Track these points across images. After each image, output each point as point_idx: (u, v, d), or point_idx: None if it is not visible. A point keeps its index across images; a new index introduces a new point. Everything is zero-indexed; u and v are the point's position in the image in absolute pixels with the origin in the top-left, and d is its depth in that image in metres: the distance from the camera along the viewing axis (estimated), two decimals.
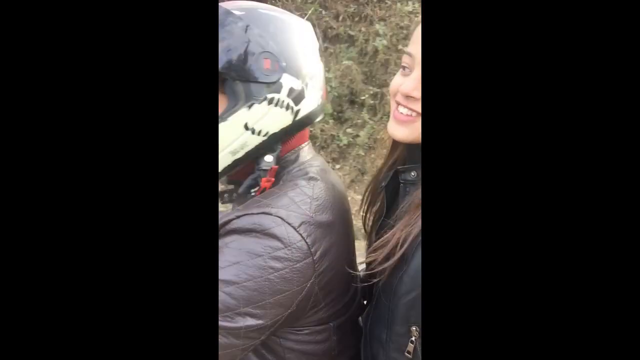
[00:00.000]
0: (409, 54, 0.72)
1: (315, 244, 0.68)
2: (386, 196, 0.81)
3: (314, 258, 0.67)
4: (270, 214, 0.67)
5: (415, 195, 0.70)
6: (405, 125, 0.72)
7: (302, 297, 0.67)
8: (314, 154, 0.84)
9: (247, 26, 0.69)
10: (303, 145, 0.82)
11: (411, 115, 0.71)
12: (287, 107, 0.74)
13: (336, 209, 0.76)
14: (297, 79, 0.74)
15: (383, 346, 0.72)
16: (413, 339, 0.69)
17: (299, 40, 0.75)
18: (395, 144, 0.84)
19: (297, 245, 0.66)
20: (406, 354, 0.70)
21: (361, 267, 0.90)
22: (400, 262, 0.69)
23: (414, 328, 0.69)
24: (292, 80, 0.73)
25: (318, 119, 0.83)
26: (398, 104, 0.72)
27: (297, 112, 0.75)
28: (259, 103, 0.71)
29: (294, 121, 0.75)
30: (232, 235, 0.67)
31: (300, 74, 0.74)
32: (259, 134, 0.73)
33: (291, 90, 0.73)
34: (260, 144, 0.74)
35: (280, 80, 0.72)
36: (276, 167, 0.77)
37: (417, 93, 0.69)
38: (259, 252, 0.65)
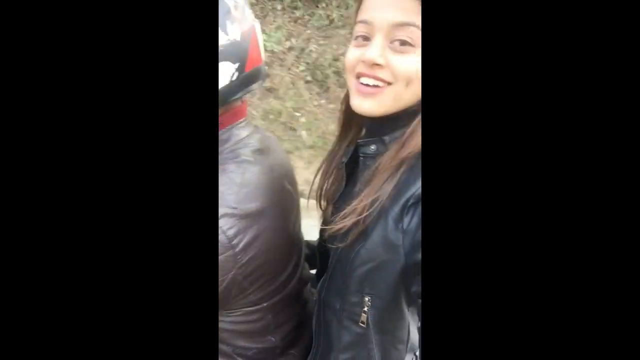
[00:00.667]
0: (366, 22, 0.67)
1: (237, 236, 0.66)
2: (346, 171, 0.79)
3: (235, 250, 0.66)
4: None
5: (379, 163, 0.69)
6: (372, 97, 0.67)
7: (223, 287, 0.67)
8: (252, 129, 0.79)
9: None
10: (237, 123, 0.76)
11: (377, 85, 0.66)
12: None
13: (270, 193, 0.73)
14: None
15: (336, 315, 0.73)
16: (365, 308, 0.70)
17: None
18: (350, 116, 0.79)
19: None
20: (360, 324, 0.71)
21: (314, 236, 0.90)
22: (361, 234, 0.68)
23: (367, 298, 0.69)
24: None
25: (247, 92, 0.75)
26: (360, 75, 0.67)
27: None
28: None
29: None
30: None
31: None
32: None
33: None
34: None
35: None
36: None
37: (383, 59, 0.65)
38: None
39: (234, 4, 0.69)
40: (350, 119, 0.81)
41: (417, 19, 0.64)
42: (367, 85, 0.67)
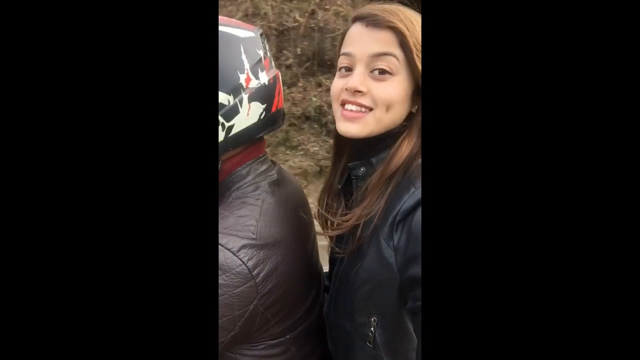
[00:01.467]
0: (348, 54, 0.73)
1: (258, 267, 0.67)
2: (344, 195, 0.82)
3: (256, 281, 0.67)
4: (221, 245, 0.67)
5: (369, 182, 0.73)
6: (356, 121, 0.72)
7: (245, 319, 0.67)
8: (270, 164, 0.83)
9: None
10: (257, 158, 0.80)
11: (360, 110, 0.72)
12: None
13: (287, 223, 0.75)
14: (227, 94, 0.71)
15: (349, 336, 0.74)
16: (372, 329, 0.71)
17: (234, 53, 0.73)
18: (341, 144, 0.85)
19: (236, 270, 0.66)
20: (367, 344, 0.71)
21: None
22: (357, 253, 0.71)
23: (373, 319, 0.71)
24: (222, 95, 0.71)
25: (271, 130, 0.81)
26: (344, 102, 0.73)
27: (230, 128, 0.73)
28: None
29: (226, 137, 0.73)
30: None
31: (232, 89, 0.72)
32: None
33: (220, 106, 0.71)
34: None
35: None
36: None
37: (364, 87, 0.71)
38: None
39: (263, 54, 0.77)
40: (340, 148, 0.86)
41: (394, 49, 0.71)
42: (351, 110, 0.72)
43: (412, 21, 0.73)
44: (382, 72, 0.71)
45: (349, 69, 0.74)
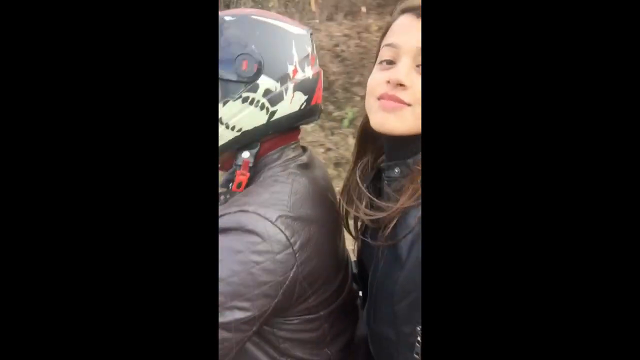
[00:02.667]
0: (393, 46, 0.69)
1: (293, 236, 0.71)
2: (371, 194, 0.78)
3: (294, 248, 0.71)
4: (248, 211, 0.70)
5: (405, 180, 0.70)
6: (395, 112, 0.67)
7: (286, 286, 0.71)
8: (301, 151, 0.88)
9: (227, 29, 0.76)
10: (289, 144, 0.85)
11: (401, 103, 0.67)
12: (262, 107, 0.78)
13: (316, 203, 0.79)
14: (276, 81, 0.78)
15: (396, 347, 0.71)
16: (419, 338, 0.67)
17: (286, 46, 0.79)
18: (366, 142, 0.82)
19: (276, 238, 0.69)
20: (415, 355, 0.68)
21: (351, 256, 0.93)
22: (394, 260, 0.67)
23: (419, 328, 0.66)
24: (270, 82, 0.77)
25: (308, 123, 0.87)
26: (382, 97, 0.68)
27: (273, 112, 0.79)
28: (234, 100, 0.76)
29: (268, 121, 0.79)
30: None
31: (280, 77, 0.78)
32: (232, 129, 0.78)
33: (267, 91, 0.77)
34: (234, 139, 0.79)
35: (258, 81, 0.77)
36: (248, 160, 0.81)
37: (409, 81, 0.66)
38: (239, 248, 0.68)
39: (311, 51, 0.84)
40: (365, 145, 0.83)
41: None
42: (390, 101, 0.67)
43: None
44: None
45: (392, 62, 0.69)
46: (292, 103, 0.80)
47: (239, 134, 0.79)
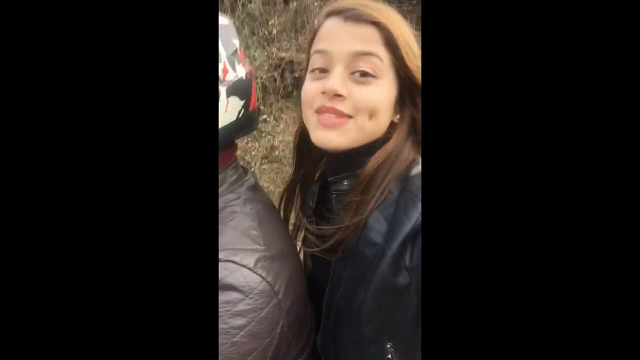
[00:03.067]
0: (323, 52, 0.64)
1: (277, 281, 0.57)
2: (318, 212, 0.74)
3: (279, 297, 0.57)
4: (220, 259, 0.55)
5: (352, 197, 0.65)
6: (336, 128, 0.63)
7: (274, 347, 0.56)
8: (242, 171, 0.72)
9: None
10: (229, 164, 0.69)
11: (341, 117, 0.63)
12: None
13: (281, 230, 0.66)
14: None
15: None
16: (390, 356, 0.63)
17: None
18: (304, 149, 0.76)
19: (259, 289, 0.55)
20: None
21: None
22: (355, 281, 0.62)
23: (389, 345, 0.62)
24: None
25: (245, 135, 0.72)
26: (321, 110, 0.64)
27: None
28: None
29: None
30: None
31: None
32: None
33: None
34: None
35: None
36: None
37: (345, 90, 0.62)
38: (222, 314, 0.53)
39: (239, 45, 0.69)
40: (303, 154, 0.77)
41: (378, 48, 0.62)
42: (329, 116, 0.63)
43: (396, 19, 0.65)
44: (364, 74, 0.62)
45: (324, 70, 0.65)
46: (227, 112, 0.64)
47: None
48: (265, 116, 3.93)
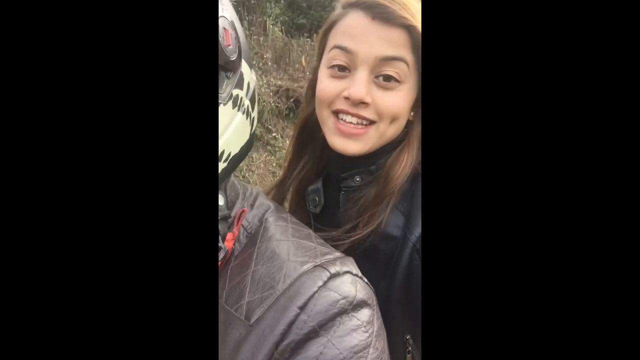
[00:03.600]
0: (348, 51, 0.61)
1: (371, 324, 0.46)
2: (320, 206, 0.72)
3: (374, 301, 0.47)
4: (339, 274, 0.44)
5: (366, 197, 0.64)
6: (357, 138, 0.62)
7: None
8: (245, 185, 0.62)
9: None
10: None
11: (361, 124, 0.62)
12: (247, 114, 0.52)
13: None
14: (251, 73, 0.53)
15: None
16: (409, 348, 0.62)
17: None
18: (306, 139, 0.75)
19: (375, 297, 0.47)
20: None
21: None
22: (381, 277, 0.61)
23: (408, 337, 0.62)
24: (248, 72, 0.52)
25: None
26: (339, 112, 0.62)
27: (253, 120, 0.54)
28: (224, 104, 0.47)
29: (250, 135, 0.54)
30: (308, 343, 0.41)
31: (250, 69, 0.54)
32: (220, 157, 0.48)
33: (249, 87, 0.52)
34: (222, 172, 0.49)
35: (242, 69, 0.50)
36: (246, 209, 0.53)
37: (369, 97, 0.60)
38: (360, 343, 0.42)
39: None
40: (305, 146, 0.75)
41: (406, 53, 0.59)
42: (350, 123, 0.61)
43: (419, 10, 0.60)
44: (388, 78, 0.60)
45: (345, 69, 0.62)
46: (252, 127, 0.55)
47: (226, 164, 0.49)
48: (274, 134, 4.32)
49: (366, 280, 0.47)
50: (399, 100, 0.61)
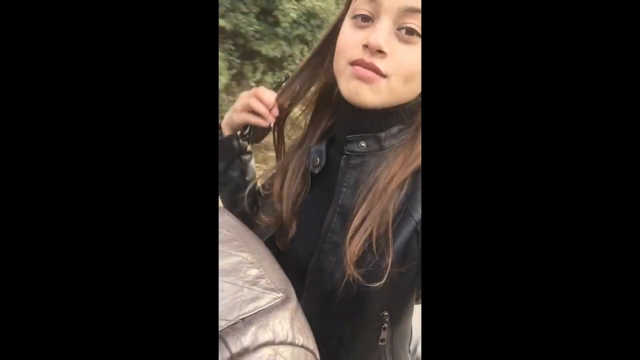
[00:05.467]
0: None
1: None
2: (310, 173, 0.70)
3: None
4: (247, 351, 0.36)
5: (379, 177, 0.62)
6: (370, 82, 0.59)
7: None
8: None
9: None
10: None
11: (377, 74, 0.59)
12: None
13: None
14: None
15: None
16: (385, 325, 0.64)
17: None
18: (323, 109, 0.73)
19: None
20: (380, 342, 0.66)
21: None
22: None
23: (385, 314, 0.64)
24: None
25: None
26: (355, 63, 0.60)
27: None
28: None
29: None
30: None
31: None
32: None
33: None
34: None
35: None
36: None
37: (388, 47, 0.58)
38: None
39: None
40: (322, 111, 0.73)
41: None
42: (366, 70, 0.59)
43: None
44: (411, 32, 0.58)
45: (368, 19, 0.60)
46: None
47: None
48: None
49: (301, 343, 0.35)
50: (417, 56, 0.58)
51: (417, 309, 0.67)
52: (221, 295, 0.35)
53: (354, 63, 0.60)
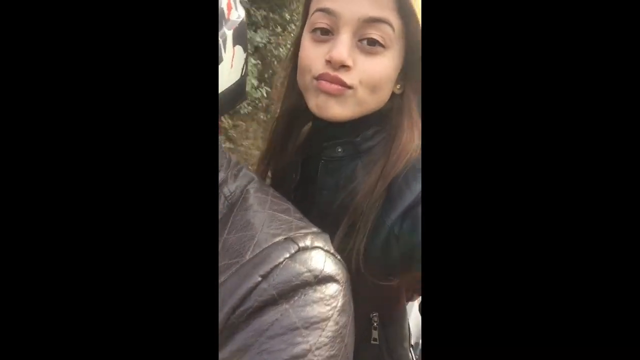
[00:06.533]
0: (330, 12, 0.58)
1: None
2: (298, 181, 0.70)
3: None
4: (308, 248, 0.45)
5: (362, 180, 0.61)
6: (337, 98, 0.59)
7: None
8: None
9: None
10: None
11: (342, 86, 0.58)
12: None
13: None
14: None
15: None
16: (375, 324, 0.65)
17: None
18: (291, 122, 0.72)
19: (347, 275, 0.47)
20: (372, 341, 0.66)
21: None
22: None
23: (374, 315, 0.65)
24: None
25: (239, 103, 0.61)
26: (320, 78, 0.58)
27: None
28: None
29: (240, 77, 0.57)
30: (264, 311, 0.41)
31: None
32: None
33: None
34: None
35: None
36: None
37: (351, 60, 0.57)
38: (320, 315, 0.42)
39: None
40: (291, 125, 0.71)
41: (392, 15, 0.56)
42: (332, 84, 0.58)
43: None
44: (373, 42, 0.57)
45: (327, 32, 0.59)
46: (233, 66, 0.52)
47: None
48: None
49: (339, 257, 0.48)
50: (382, 66, 0.58)
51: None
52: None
53: (319, 77, 0.59)
